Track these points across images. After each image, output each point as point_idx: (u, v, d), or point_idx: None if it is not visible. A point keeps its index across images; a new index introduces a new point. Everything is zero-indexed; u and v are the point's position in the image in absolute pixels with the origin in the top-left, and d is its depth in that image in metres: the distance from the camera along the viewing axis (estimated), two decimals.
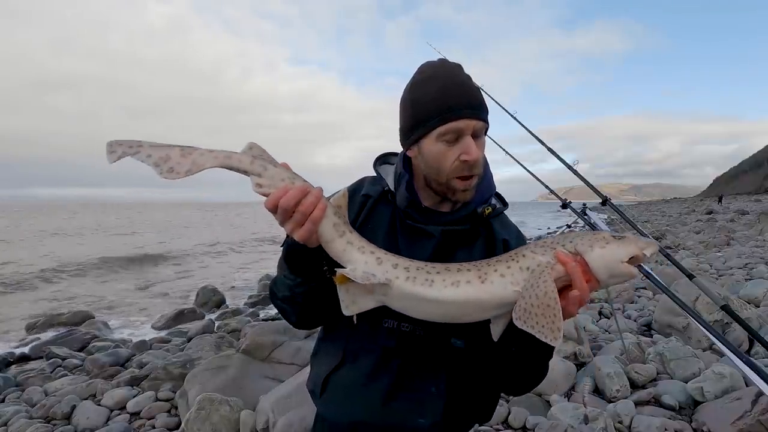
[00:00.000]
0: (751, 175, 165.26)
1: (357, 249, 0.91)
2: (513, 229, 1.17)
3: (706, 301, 4.25)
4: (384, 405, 1.03)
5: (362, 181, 1.20)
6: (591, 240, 0.93)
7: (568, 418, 2.85)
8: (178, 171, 0.88)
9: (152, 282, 12.93)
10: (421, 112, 1.01)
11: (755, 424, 2.58)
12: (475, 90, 1.02)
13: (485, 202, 1.11)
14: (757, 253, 9.90)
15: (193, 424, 2.99)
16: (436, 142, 1.00)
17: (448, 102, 0.98)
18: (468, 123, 0.98)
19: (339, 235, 0.91)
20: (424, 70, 1.05)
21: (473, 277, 0.90)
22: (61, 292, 11.54)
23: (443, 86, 0.99)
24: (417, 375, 1.02)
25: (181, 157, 0.89)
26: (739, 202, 46.12)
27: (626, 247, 0.91)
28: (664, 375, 3.59)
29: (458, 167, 1.00)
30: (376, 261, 0.91)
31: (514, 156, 3.00)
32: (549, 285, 0.87)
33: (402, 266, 0.91)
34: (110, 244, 23.29)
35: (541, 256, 0.91)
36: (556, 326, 0.85)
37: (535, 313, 0.86)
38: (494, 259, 0.94)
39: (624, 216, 2.38)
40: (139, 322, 8.30)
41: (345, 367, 1.08)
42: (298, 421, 2.78)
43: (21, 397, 4.20)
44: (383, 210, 1.13)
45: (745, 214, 23.81)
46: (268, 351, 3.97)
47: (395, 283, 0.89)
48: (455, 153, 0.99)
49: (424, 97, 1.00)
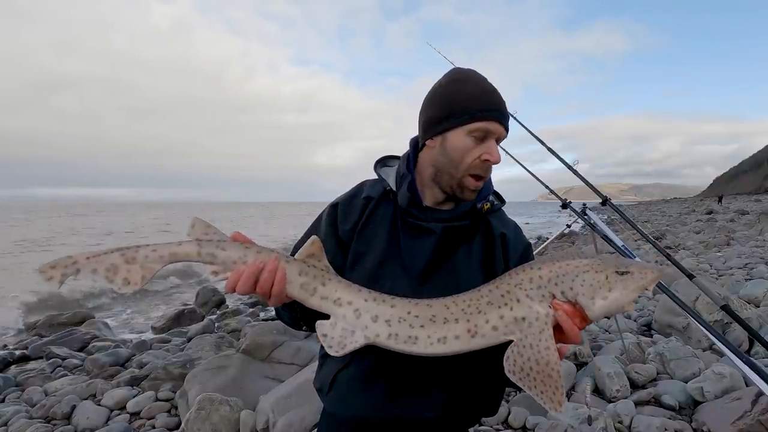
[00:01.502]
0: (751, 175, 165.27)
1: (333, 303, 0.88)
2: (511, 224, 1.20)
3: (706, 301, 4.25)
4: (388, 400, 1.05)
5: (362, 185, 1.22)
6: (592, 290, 0.84)
7: (568, 418, 2.85)
8: (135, 281, 0.85)
9: (152, 282, 12.93)
10: (458, 106, 1.06)
11: (755, 424, 2.58)
12: (503, 100, 1.10)
13: (484, 198, 1.15)
14: (757, 253, 9.90)
15: (193, 424, 2.99)
16: (466, 136, 1.05)
17: (487, 103, 1.05)
18: (497, 127, 1.06)
19: (310, 294, 0.88)
20: (460, 71, 1.13)
21: (462, 331, 0.85)
22: (62, 291, 11.53)
23: (483, 90, 1.07)
24: (419, 370, 1.03)
25: (126, 263, 0.86)
26: (739, 202, 46.14)
27: (630, 293, 0.83)
28: (664, 375, 3.59)
29: (477, 165, 1.06)
30: (354, 314, 0.87)
31: (514, 156, 3.00)
32: (552, 354, 0.82)
33: (382, 318, 0.86)
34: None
35: (539, 305, 0.85)
36: (557, 398, 0.80)
37: (534, 377, 0.82)
38: (485, 297, 0.87)
39: (624, 216, 2.38)
40: (139, 322, 8.30)
41: (352, 365, 1.10)
42: (298, 421, 2.78)
43: (21, 397, 4.20)
44: (385, 210, 1.15)
45: (745, 214, 23.81)
46: (268, 351, 3.97)
47: (376, 341, 0.86)
48: (479, 152, 1.05)
49: (463, 94, 1.07)
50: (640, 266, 0.85)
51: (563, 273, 0.86)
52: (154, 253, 0.87)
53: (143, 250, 0.87)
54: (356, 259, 1.11)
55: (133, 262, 0.86)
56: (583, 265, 0.86)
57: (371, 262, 1.09)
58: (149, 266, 0.86)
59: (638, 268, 0.85)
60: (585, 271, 0.85)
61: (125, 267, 0.85)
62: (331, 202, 1.20)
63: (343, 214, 1.15)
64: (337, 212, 1.16)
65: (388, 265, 1.08)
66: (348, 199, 1.18)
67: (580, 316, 0.85)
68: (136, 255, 0.86)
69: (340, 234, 1.14)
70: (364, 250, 1.11)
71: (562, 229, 4.18)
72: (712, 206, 35.59)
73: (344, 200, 1.18)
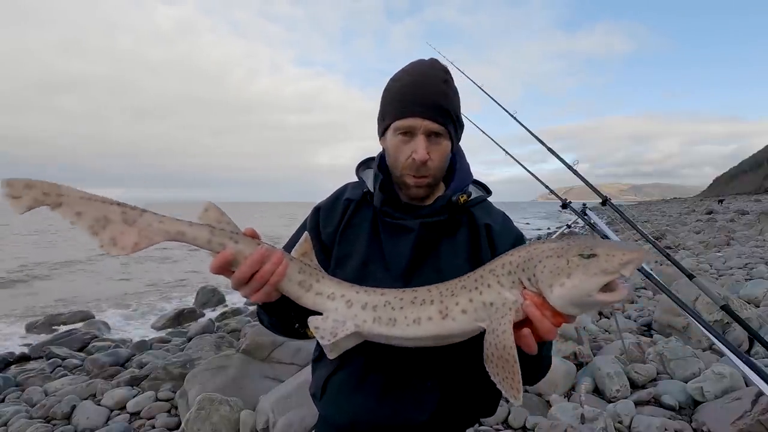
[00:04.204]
0: (751, 175, 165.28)
1: (327, 298, 0.88)
2: (498, 215, 1.16)
3: (706, 301, 4.25)
4: (380, 402, 1.04)
5: (345, 187, 1.23)
6: (551, 276, 0.76)
7: (567, 418, 2.85)
8: (124, 246, 0.74)
9: (153, 282, 12.93)
10: (387, 106, 1.07)
11: (755, 424, 2.58)
12: (438, 93, 1.03)
13: (460, 190, 1.12)
14: (757, 253, 9.90)
15: (193, 424, 2.99)
16: (394, 135, 1.05)
17: (407, 100, 1.02)
18: (420, 122, 1.02)
19: (306, 290, 0.88)
20: (404, 68, 1.10)
21: (434, 312, 0.83)
22: (61, 292, 11.53)
23: (407, 84, 1.04)
24: (410, 371, 1.03)
25: (123, 223, 0.75)
26: (739, 202, 46.12)
27: (593, 278, 0.73)
28: (664, 375, 3.59)
29: (409, 165, 1.04)
30: (346, 305, 0.87)
31: (515, 156, 3.00)
32: (508, 338, 0.78)
33: (370, 305, 0.87)
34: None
35: (508, 291, 0.81)
36: (515, 386, 0.77)
37: (495, 363, 0.79)
38: (460, 283, 0.85)
39: (624, 216, 2.38)
40: (139, 322, 8.30)
41: (343, 369, 1.09)
42: (298, 421, 2.78)
43: (21, 397, 4.21)
44: (365, 212, 1.15)
45: (745, 214, 23.80)
46: (268, 351, 3.97)
47: (363, 327, 0.86)
48: (408, 150, 1.03)
49: (392, 92, 1.06)
50: (609, 248, 0.75)
51: (529, 258, 0.81)
52: (160, 225, 0.78)
53: (148, 216, 0.78)
54: (339, 261, 1.11)
55: (131, 224, 0.76)
56: (548, 249, 0.80)
57: (354, 265, 1.09)
58: (148, 236, 0.77)
59: (606, 250, 0.74)
60: (548, 255, 0.78)
61: (120, 226, 0.75)
62: (315, 206, 1.21)
63: (325, 218, 1.16)
64: (320, 216, 1.17)
65: (371, 266, 1.08)
66: (330, 203, 1.19)
67: (550, 307, 0.79)
68: (138, 218, 0.76)
69: (323, 237, 1.15)
70: (347, 253, 1.11)
71: (562, 229, 4.18)
72: (712, 206, 35.59)
73: (326, 204, 1.19)
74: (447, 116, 1.04)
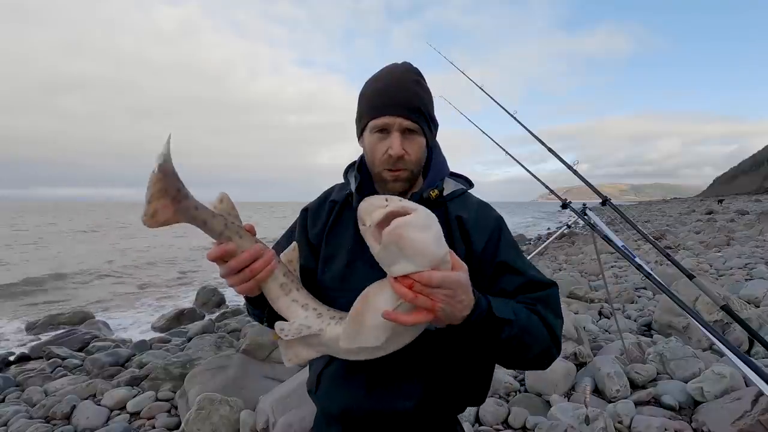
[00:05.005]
0: (751, 176, 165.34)
1: (300, 306, 0.92)
2: (473, 205, 1.16)
3: (706, 301, 4.26)
4: (368, 392, 1.08)
5: (333, 188, 1.26)
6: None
7: (568, 418, 2.85)
8: (158, 219, 0.74)
9: (153, 282, 12.94)
10: (363, 106, 1.12)
11: (755, 424, 2.58)
12: (410, 92, 1.09)
13: (431, 186, 1.14)
14: (757, 253, 9.89)
15: (193, 424, 2.99)
16: (371, 134, 1.10)
17: (380, 100, 1.08)
18: (394, 120, 1.07)
19: (285, 294, 0.92)
20: (379, 71, 1.15)
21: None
22: (61, 292, 11.54)
23: (381, 86, 1.10)
24: (395, 360, 1.03)
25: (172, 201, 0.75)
26: (739, 202, 46.11)
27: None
28: (664, 375, 3.59)
29: (386, 160, 1.08)
30: (316, 315, 0.91)
31: (515, 156, 3.00)
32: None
33: (338, 316, 0.90)
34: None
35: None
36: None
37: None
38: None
39: (624, 216, 2.38)
40: (139, 323, 8.31)
41: (335, 361, 1.12)
42: (298, 421, 2.78)
43: (21, 397, 4.21)
44: (350, 212, 1.16)
45: (745, 214, 23.79)
46: (268, 351, 3.98)
47: (326, 330, 0.89)
48: (384, 146, 1.08)
49: (368, 92, 1.12)
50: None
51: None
52: (196, 212, 0.78)
53: (191, 200, 0.77)
54: (326, 261, 1.14)
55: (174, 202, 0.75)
56: None
57: (340, 264, 1.12)
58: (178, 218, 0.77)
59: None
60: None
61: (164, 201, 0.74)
62: (303, 207, 1.25)
63: (312, 219, 1.20)
64: (307, 217, 1.21)
65: (357, 265, 1.10)
66: (317, 204, 1.23)
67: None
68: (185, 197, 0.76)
69: (311, 238, 1.19)
70: (333, 253, 1.14)
71: (562, 229, 4.18)
72: (712, 206, 35.58)
73: (313, 205, 1.23)
74: (420, 114, 1.09)
